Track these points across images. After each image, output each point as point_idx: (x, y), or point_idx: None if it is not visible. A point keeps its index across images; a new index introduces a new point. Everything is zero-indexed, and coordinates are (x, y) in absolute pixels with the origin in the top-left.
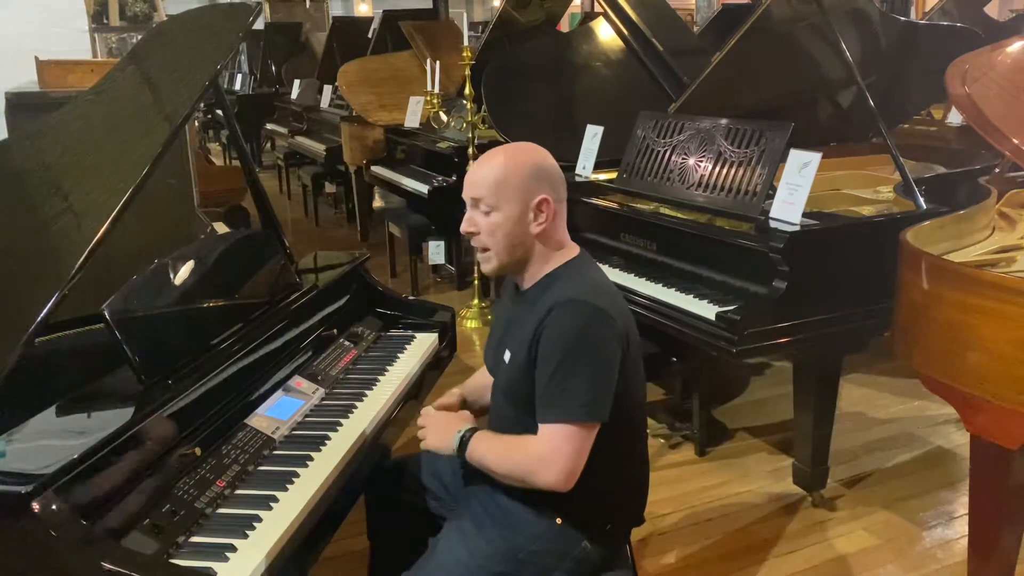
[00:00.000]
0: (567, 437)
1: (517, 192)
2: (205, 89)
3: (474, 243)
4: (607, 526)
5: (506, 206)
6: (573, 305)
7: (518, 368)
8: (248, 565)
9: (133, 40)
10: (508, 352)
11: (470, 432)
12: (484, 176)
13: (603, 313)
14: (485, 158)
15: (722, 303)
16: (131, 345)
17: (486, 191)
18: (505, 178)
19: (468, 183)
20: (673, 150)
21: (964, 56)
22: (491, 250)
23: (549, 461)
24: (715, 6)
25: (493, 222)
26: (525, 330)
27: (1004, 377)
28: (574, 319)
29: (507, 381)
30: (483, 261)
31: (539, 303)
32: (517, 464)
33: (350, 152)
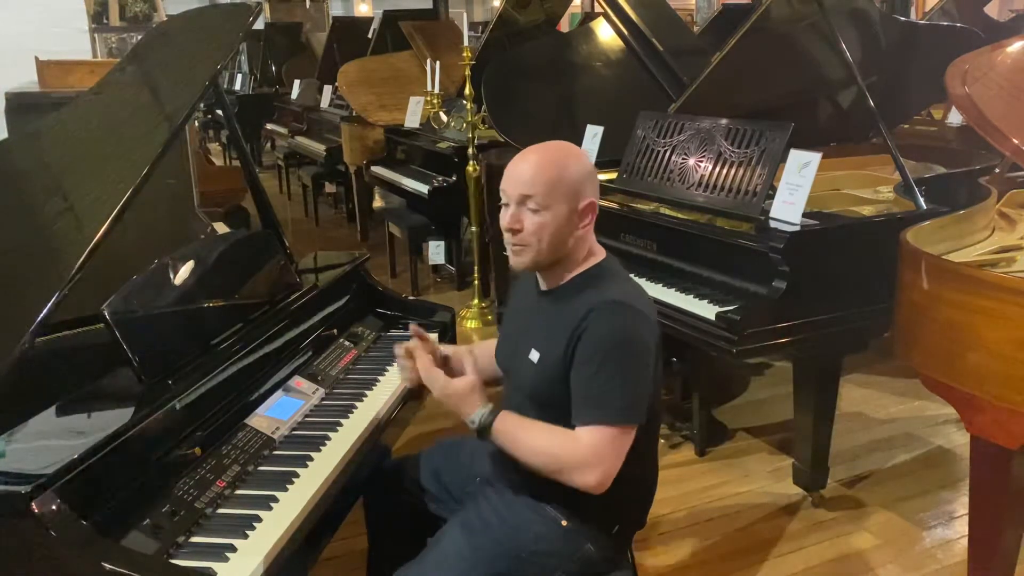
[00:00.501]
0: (610, 439)
1: (568, 193)
2: (205, 89)
3: (514, 239)
4: (612, 529)
5: (556, 206)
6: (615, 307)
7: (549, 368)
8: (248, 565)
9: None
10: (536, 352)
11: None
12: (537, 174)
13: (643, 315)
14: (535, 155)
15: (722, 303)
16: (131, 345)
17: (539, 190)
18: (560, 178)
19: (516, 180)
20: (673, 150)
21: (964, 56)
22: (530, 247)
23: (590, 463)
24: (715, 6)
25: (541, 221)
26: (558, 330)
27: (1004, 377)
28: (616, 321)
29: (534, 382)
30: (516, 255)
31: (574, 304)
32: (553, 459)
33: (350, 152)
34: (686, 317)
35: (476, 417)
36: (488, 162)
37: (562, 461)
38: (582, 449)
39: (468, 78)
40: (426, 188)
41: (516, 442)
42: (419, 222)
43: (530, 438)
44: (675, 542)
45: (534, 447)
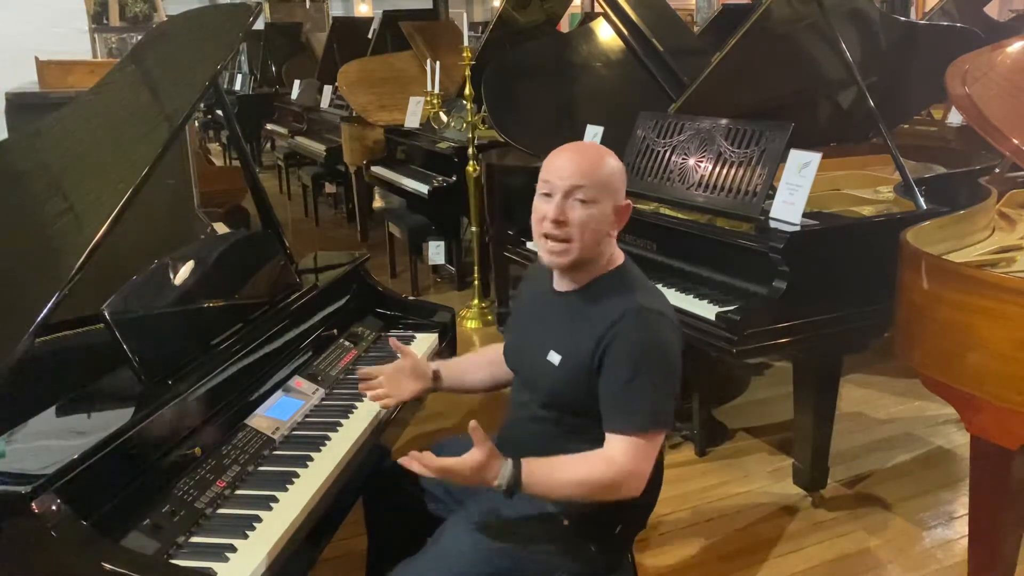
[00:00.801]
0: (644, 446)
1: (614, 190)
2: (205, 89)
3: (555, 232)
4: (615, 530)
5: (603, 201)
6: (648, 313)
7: (572, 371)
8: (248, 565)
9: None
10: (556, 354)
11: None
12: (588, 167)
13: (672, 322)
14: (585, 149)
15: (722, 303)
16: (131, 345)
17: (591, 182)
18: (610, 174)
19: (566, 171)
20: (673, 150)
21: (964, 56)
22: (574, 242)
23: (634, 472)
24: (715, 6)
25: (588, 214)
26: (583, 333)
27: (1004, 377)
28: (651, 327)
29: (553, 384)
30: (557, 252)
31: (600, 307)
32: (595, 482)
33: (350, 152)
34: (686, 317)
35: (502, 480)
36: (488, 162)
37: (603, 484)
38: (619, 464)
39: (468, 78)
40: (426, 188)
41: (551, 485)
42: (419, 222)
43: (565, 475)
44: (675, 542)
45: (571, 482)
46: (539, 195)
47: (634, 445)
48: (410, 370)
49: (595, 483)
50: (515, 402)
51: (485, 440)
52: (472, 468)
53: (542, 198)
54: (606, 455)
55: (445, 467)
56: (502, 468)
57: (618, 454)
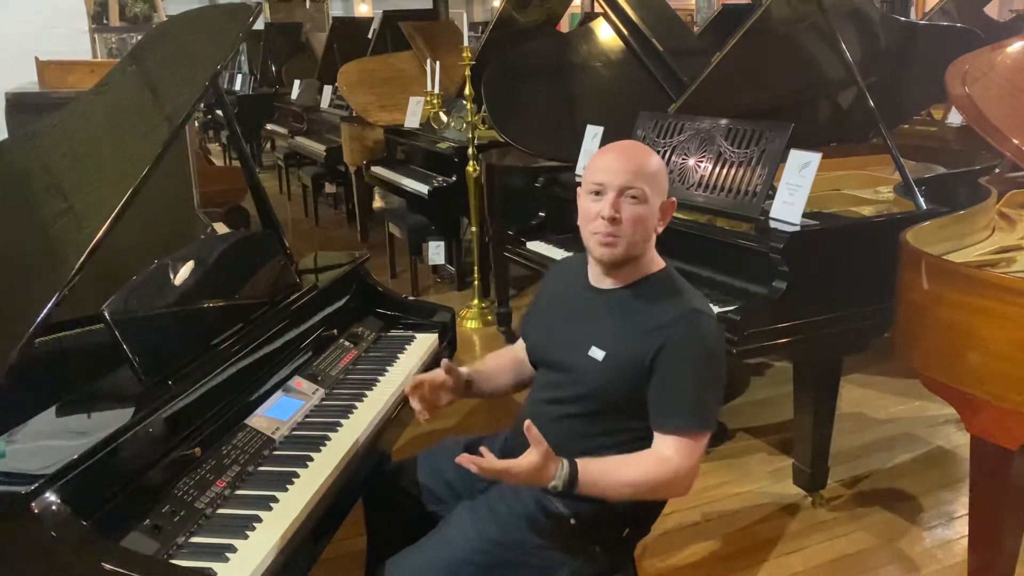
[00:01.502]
0: (696, 446)
1: (661, 188)
2: (205, 89)
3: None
4: (622, 533)
5: (653, 199)
6: (704, 318)
7: (618, 369)
8: (248, 565)
9: (133, 41)
10: (599, 351)
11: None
12: (642, 166)
13: (720, 325)
14: (629, 150)
15: (722, 303)
16: (131, 345)
17: (644, 180)
18: (658, 171)
19: (619, 170)
20: (673, 150)
21: (964, 56)
22: (623, 238)
23: (686, 471)
24: (715, 6)
25: (640, 212)
26: (634, 332)
27: (1004, 377)
28: (707, 331)
29: (597, 381)
30: (609, 245)
31: (652, 307)
32: (650, 484)
33: (350, 152)
34: None
35: (559, 480)
36: (488, 162)
37: (657, 483)
38: (672, 463)
39: (468, 78)
40: (426, 188)
41: (606, 485)
42: (419, 222)
43: (620, 475)
44: (675, 542)
45: (626, 482)
46: (587, 195)
47: (685, 445)
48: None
49: (650, 483)
50: (539, 400)
51: (541, 440)
52: (529, 469)
53: (591, 197)
54: (659, 455)
55: (503, 468)
56: (559, 468)
57: (671, 453)
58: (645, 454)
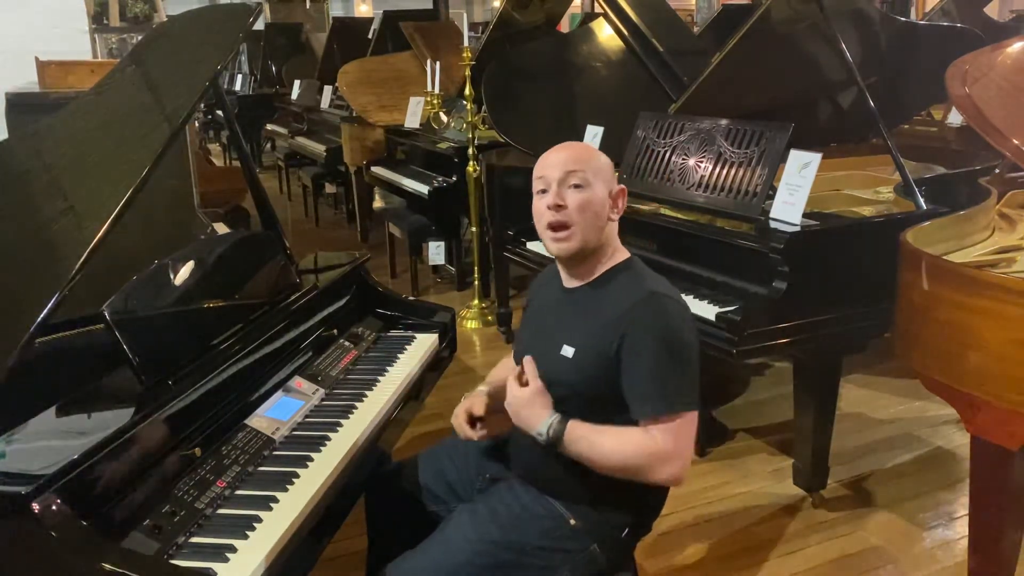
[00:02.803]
0: (682, 428)
1: (605, 175)
2: (205, 90)
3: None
4: (622, 532)
5: (597, 184)
6: (661, 298)
7: (587, 363)
8: (248, 566)
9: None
10: (569, 347)
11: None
12: (576, 154)
13: (684, 305)
14: (566, 144)
15: (722, 303)
16: (131, 345)
17: (583, 166)
18: (594, 159)
19: (557, 161)
20: (673, 151)
21: (964, 57)
22: (575, 227)
23: (674, 453)
24: (715, 6)
25: (585, 198)
26: (596, 325)
27: (1004, 378)
28: (666, 312)
29: (568, 378)
30: (561, 239)
31: (612, 298)
32: (636, 456)
33: (350, 153)
34: None
35: (544, 428)
36: (488, 162)
37: (643, 458)
38: (661, 443)
39: (468, 78)
40: (426, 188)
41: (592, 447)
42: (419, 222)
43: (606, 440)
44: (675, 543)
45: (612, 449)
46: (536, 194)
47: (665, 428)
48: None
49: (633, 455)
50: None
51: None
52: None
53: (539, 196)
54: (648, 433)
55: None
56: (550, 416)
57: (662, 435)
58: (635, 430)
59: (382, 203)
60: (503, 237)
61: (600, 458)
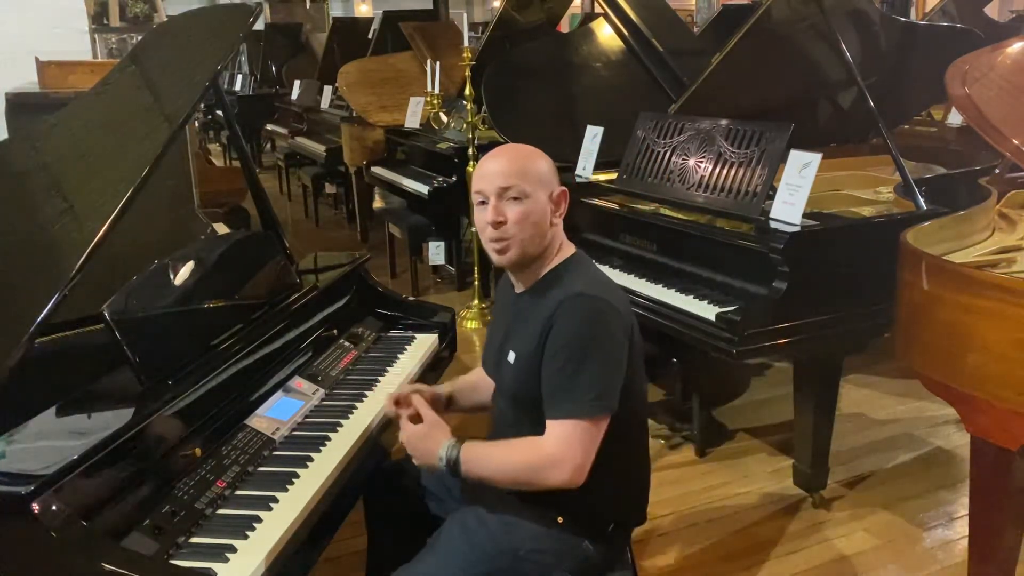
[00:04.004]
0: (578, 432)
1: (541, 181)
2: (205, 90)
3: (496, 234)
4: (609, 526)
5: (535, 194)
6: (581, 299)
7: (524, 368)
8: (248, 566)
9: (133, 41)
10: (512, 353)
11: (455, 447)
12: (510, 165)
13: (609, 306)
14: (501, 152)
15: (722, 304)
16: (131, 345)
17: (517, 178)
18: (532, 167)
19: (492, 175)
20: (673, 151)
21: (964, 57)
22: (515, 239)
23: (560, 458)
24: (715, 6)
25: (524, 209)
26: (531, 328)
27: (1004, 378)
28: (582, 312)
29: (512, 383)
30: (501, 252)
31: (544, 300)
32: (523, 466)
33: (350, 153)
34: (686, 318)
35: (442, 453)
36: None
37: (532, 466)
38: (548, 448)
39: (468, 79)
40: (426, 189)
41: (485, 464)
42: (419, 223)
43: (497, 458)
44: (675, 543)
45: (503, 463)
46: (476, 206)
47: (565, 431)
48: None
49: (523, 465)
50: (495, 411)
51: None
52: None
53: (479, 208)
54: (536, 441)
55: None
56: (444, 442)
57: (548, 440)
58: (524, 440)
59: (382, 203)
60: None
61: (493, 473)
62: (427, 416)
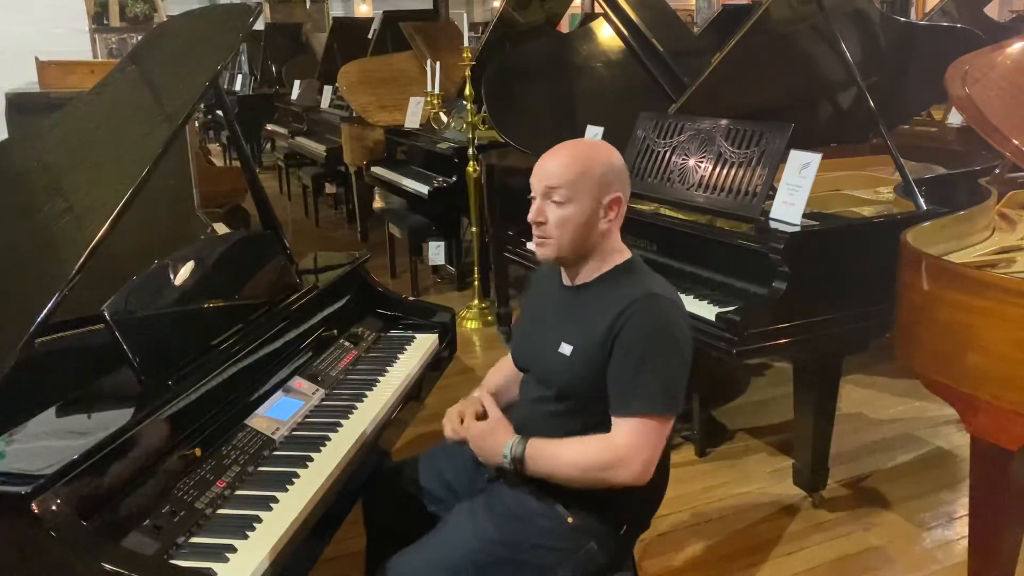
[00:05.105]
0: (649, 430)
1: (594, 187)
2: (205, 90)
3: (537, 231)
4: (620, 530)
5: (580, 200)
6: (657, 299)
7: (583, 362)
8: (248, 566)
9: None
10: (568, 346)
11: (521, 443)
12: (563, 168)
13: (680, 309)
14: (563, 150)
15: (722, 304)
16: (131, 345)
17: (565, 182)
18: (585, 173)
19: (543, 174)
20: (673, 151)
21: (964, 57)
22: (553, 239)
23: (632, 455)
24: (715, 6)
25: (564, 214)
26: (594, 324)
27: (1004, 378)
28: (657, 312)
29: (565, 376)
30: (540, 246)
31: (610, 297)
32: (592, 463)
33: (350, 153)
34: None
35: (507, 450)
36: (488, 163)
37: (602, 463)
38: (620, 447)
39: (468, 79)
40: (426, 189)
41: (553, 464)
42: (419, 223)
43: (565, 455)
44: (675, 543)
45: (573, 461)
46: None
47: (637, 429)
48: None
49: (592, 465)
50: (526, 399)
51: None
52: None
53: (532, 199)
54: (606, 437)
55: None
56: (509, 439)
57: (619, 437)
58: (595, 437)
59: (382, 203)
60: (503, 237)
61: (560, 469)
62: (492, 413)
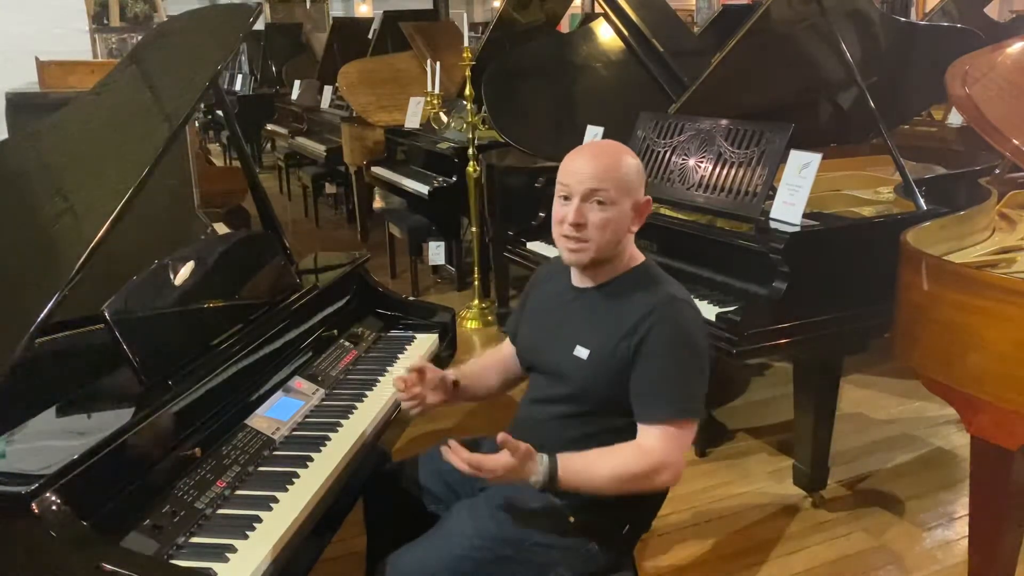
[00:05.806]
0: (679, 434)
1: (632, 189)
2: (205, 89)
3: (575, 235)
4: (623, 530)
5: (621, 202)
6: (680, 304)
7: (600, 365)
8: (248, 566)
9: (133, 41)
10: (584, 349)
11: (552, 461)
12: (606, 169)
13: (699, 312)
14: (599, 150)
15: (722, 304)
16: (131, 345)
17: (610, 183)
18: (627, 174)
19: (584, 174)
20: (673, 151)
21: (964, 57)
22: (591, 242)
23: (665, 463)
24: (715, 6)
25: (607, 216)
26: (613, 327)
27: (1004, 378)
28: (683, 318)
29: (584, 379)
30: (575, 251)
31: (631, 301)
32: (631, 473)
33: (350, 153)
34: None
35: (540, 474)
36: (488, 163)
37: (638, 475)
38: (655, 453)
39: (468, 79)
40: (426, 189)
41: (587, 478)
42: (419, 223)
43: (600, 468)
44: (675, 543)
45: (606, 475)
46: (557, 197)
47: (668, 434)
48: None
49: (630, 474)
50: (533, 400)
51: (517, 446)
52: (506, 467)
53: (560, 201)
54: (640, 445)
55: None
56: (539, 464)
57: (652, 443)
58: (625, 446)
59: (382, 203)
60: (503, 237)
61: (596, 480)
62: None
